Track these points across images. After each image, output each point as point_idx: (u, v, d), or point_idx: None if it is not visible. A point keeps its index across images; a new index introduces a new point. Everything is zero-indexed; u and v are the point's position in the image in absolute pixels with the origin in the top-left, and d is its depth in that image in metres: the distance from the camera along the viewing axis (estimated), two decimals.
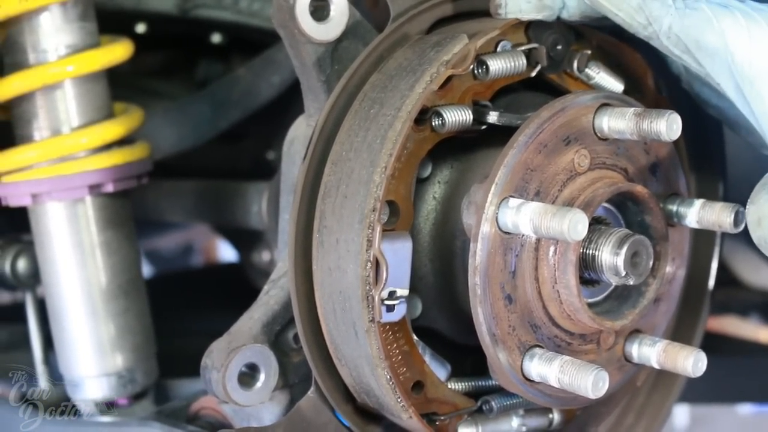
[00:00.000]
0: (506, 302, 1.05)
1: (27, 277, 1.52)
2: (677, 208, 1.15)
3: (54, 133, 1.37)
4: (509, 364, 1.06)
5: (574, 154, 1.07)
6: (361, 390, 1.12)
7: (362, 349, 1.07)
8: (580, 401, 1.14)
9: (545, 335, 1.08)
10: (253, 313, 1.17)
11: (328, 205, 1.08)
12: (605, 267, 1.06)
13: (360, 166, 1.06)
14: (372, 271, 1.04)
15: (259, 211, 1.52)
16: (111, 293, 1.40)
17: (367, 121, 1.08)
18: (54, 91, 1.36)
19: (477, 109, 1.09)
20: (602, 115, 1.08)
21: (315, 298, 1.10)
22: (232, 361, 1.12)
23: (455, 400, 1.13)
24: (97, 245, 1.39)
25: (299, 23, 1.10)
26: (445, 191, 1.12)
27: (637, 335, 1.15)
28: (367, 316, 1.05)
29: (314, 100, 1.15)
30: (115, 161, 1.38)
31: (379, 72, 1.11)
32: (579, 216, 0.98)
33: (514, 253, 1.04)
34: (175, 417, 1.33)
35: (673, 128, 1.04)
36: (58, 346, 1.43)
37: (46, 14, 1.34)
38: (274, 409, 1.20)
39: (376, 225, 1.04)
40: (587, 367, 1.03)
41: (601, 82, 1.17)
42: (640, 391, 1.34)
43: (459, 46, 1.08)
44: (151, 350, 1.45)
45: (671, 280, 1.17)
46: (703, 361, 1.10)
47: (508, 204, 1.02)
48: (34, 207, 1.39)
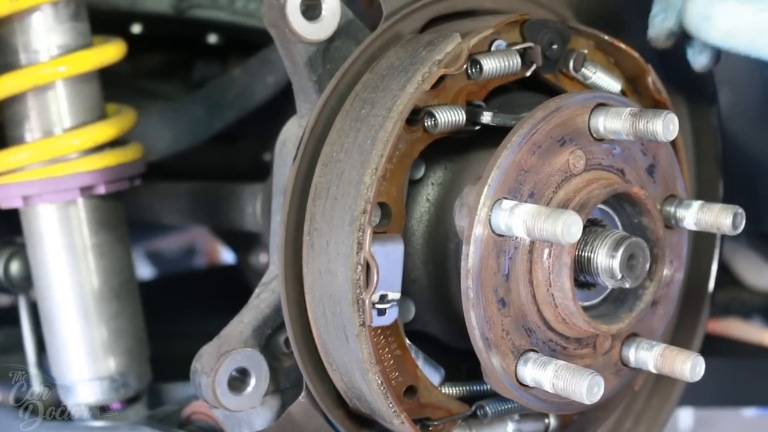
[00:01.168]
0: (500, 306, 1.03)
1: (20, 280, 1.51)
2: (675, 210, 1.14)
3: (46, 135, 1.36)
4: (503, 369, 1.04)
5: (569, 155, 1.05)
6: (352, 395, 1.10)
7: (353, 354, 1.05)
8: (575, 406, 1.12)
9: (540, 339, 1.06)
10: (243, 316, 1.15)
11: (318, 207, 1.07)
12: (601, 270, 1.04)
13: (350, 168, 1.04)
14: (362, 274, 1.02)
15: (254, 213, 1.51)
16: (103, 296, 1.39)
17: (358, 122, 1.06)
18: (46, 91, 1.35)
19: (470, 110, 1.07)
20: (598, 116, 1.06)
21: (306, 301, 1.08)
22: (222, 365, 1.11)
23: (449, 405, 1.12)
24: (89, 248, 1.38)
25: (290, 22, 1.08)
26: (438, 193, 1.11)
27: (634, 339, 1.13)
28: (357, 320, 1.03)
29: (305, 100, 1.14)
30: (108, 163, 1.37)
31: (371, 72, 1.10)
32: (573, 218, 0.96)
33: (508, 256, 1.03)
34: (167, 421, 1.32)
35: (670, 128, 1.03)
36: (50, 349, 1.42)
37: (38, 14, 1.33)
38: (266, 414, 1.19)
39: (366, 227, 1.02)
40: (582, 372, 1.01)
41: (597, 81, 1.16)
42: (638, 396, 1.32)
43: (452, 45, 1.07)
44: (144, 354, 1.44)
45: (669, 283, 1.15)
46: (701, 366, 1.08)
47: (501, 206, 1.01)
48: (26, 209, 1.38)
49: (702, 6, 1.07)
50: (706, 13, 1.06)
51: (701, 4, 1.07)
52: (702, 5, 1.07)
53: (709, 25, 1.06)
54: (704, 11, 1.06)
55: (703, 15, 1.06)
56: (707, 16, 1.06)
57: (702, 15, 1.06)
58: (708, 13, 1.06)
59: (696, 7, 1.07)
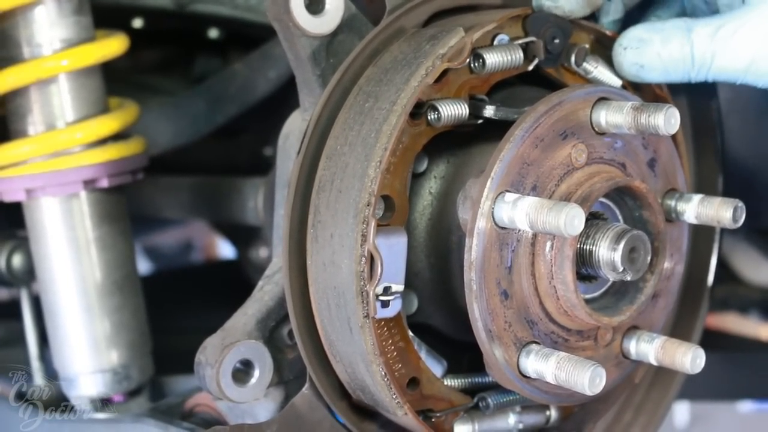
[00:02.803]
0: (502, 298, 1.04)
1: (22, 274, 1.52)
2: (676, 204, 1.14)
3: (48, 128, 1.36)
4: (505, 361, 1.05)
5: (571, 149, 1.06)
6: (356, 386, 1.11)
7: (357, 345, 1.06)
8: (577, 398, 1.13)
9: (542, 331, 1.07)
10: (247, 309, 1.16)
11: (322, 199, 1.07)
12: (602, 262, 1.05)
13: (355, 161, 1.05)
14: (366, 266, 1.03)
15: (255, 207, 1.52)
16: (106, 289, 1.40)
17: (362, 115, 1.07)
18: (48, 85, 1.35)
19: (473, 103, 1.08)
20: (600, 110, 1.07)
21: (309, 293, 1.09)
22: (226, 357, 1.11)
23: (451, 397, 1.12)
24: (91, 241, 1.39)
25: (294, 16, 1.09)
26: (441, 186, 1.11)
27: (635, 331, 1.14)
28: (361, 311, 1.04)
29: (309, 94, 1.14)
30: (110, 156, 1.37)
31: (375, 65, 1.10)
32: (576, 210, 0.97)
33: (510, 249, 1.03)
34: (170, 414, 1.33)
35: (671, 122, 1.03)
36: (52, 342, 1.42)
37: (41, 8, 1.34)
38: (269, 405, 1.19)
39: (370, 220, 1.03)
40: (584, 363, 1.02)
41: (599, 76, 1.16)
42: (638, 388, 1.33)
43: (455, 40, 1.07)
44: (147, 347, 1.44)
45: (669, 276, 1.16)
46: (702, 358, 1.09)
47: (504, 199, 1.01)
48: (29, 202, 1.38)
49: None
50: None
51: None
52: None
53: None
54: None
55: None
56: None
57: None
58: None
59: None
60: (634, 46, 1.12)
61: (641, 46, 1.12)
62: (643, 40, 1.12)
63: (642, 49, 1.12)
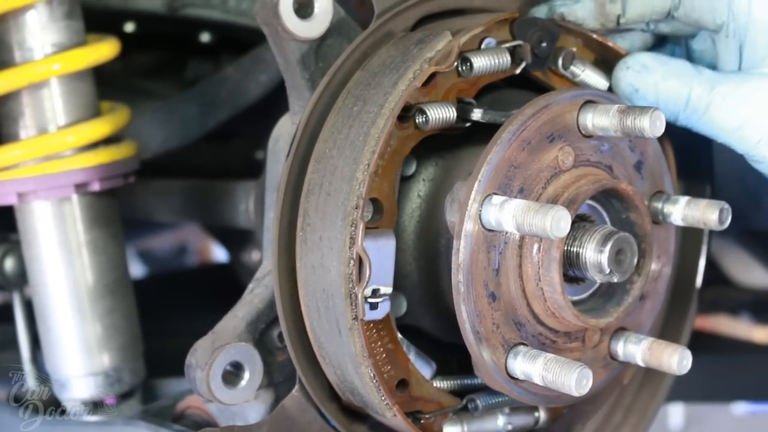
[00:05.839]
0: (490, 300, 1.04)
1: (15, 277, 1.52)
2: (662, 206, 1.15)
3: (40, 132, 1.36)
4: (493, 362, 1.06)
5: (558, 152, 1.07)
6: (345, 388, 1.12)
7: (346, 347, 1.06)
8: (565, 399, 1.14)
9: (529, 333, 1.08)
10: (237, 311, 1.16)
11: (311, 202, 1.08)
12: (589, 264, 1.05)
13: (343, 164, 1.06)
14: (355, 268, 1.03)
15: (246, 210, 1.52)
16: (98, 292, 1.40)
17: (351, 119, 1.07)
18: (40, 89, 1.36)
19: (461, 107, 1.09)
20: (586, 112, 1.07)
21: (299, 296, 1.10)
22: (216, 359, 1.12)
23: (440, 399, 1.13)
24: (83, 244, 1.39)
25: (283, 20, 1.09)
26: (429, 189, 1.12)
27: (623, 333, 1.15)
28: (350, 313, 1.04)
29: (298, 97, 1.15)
30: (102, 160, 1.38)
31: (363, 69, 1.11)
32: (562, 213, 0.98)
33: (498, 251, 1.04)
34: (161, 416, 1.33)
35: (657, 125, 1.04)
36: (45, 345, 1.43)
37: (32, 12, 1.34)
38: (259, 407, 1.20)
39: (359, 222, 1.03)
40: (571, 364, 1.03)
41: (586, 79, 1.17)
42: (627, 389, 1.34)
43: (442, 43, 1.08)
44: (138, 349, 1.45)
45: (657, 278, 1.17)
46: (688, 359, 1.10)
47: (491, 201, 1.02)
48: (21, 206, 1.39)
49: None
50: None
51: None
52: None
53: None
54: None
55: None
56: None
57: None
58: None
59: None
60: (636, 69, 1.14)
61: (642, 71, 1.14)
62: (646, 66, 1.14)
63: (642, 74, 1.14)
